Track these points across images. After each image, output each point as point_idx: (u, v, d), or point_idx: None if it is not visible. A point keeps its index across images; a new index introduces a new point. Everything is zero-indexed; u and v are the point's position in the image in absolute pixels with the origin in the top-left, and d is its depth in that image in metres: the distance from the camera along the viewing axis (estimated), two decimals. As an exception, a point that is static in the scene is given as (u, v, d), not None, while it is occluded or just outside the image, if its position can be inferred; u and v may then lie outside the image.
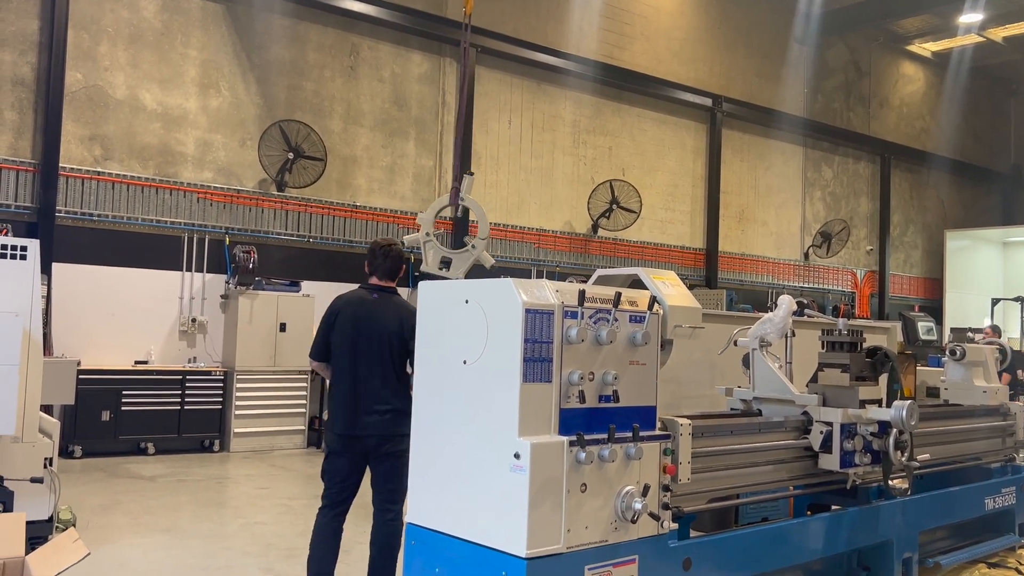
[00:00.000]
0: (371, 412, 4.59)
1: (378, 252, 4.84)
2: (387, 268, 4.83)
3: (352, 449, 4.64)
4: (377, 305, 4.75)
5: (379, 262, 4.82)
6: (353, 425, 4.60)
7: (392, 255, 4.84)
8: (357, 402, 4.60)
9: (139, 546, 6.08)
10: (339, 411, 4.67)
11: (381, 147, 12.50)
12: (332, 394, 4.83)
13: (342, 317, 4.73)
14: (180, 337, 10.83)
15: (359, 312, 4.71)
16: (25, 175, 9.83)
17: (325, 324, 4.79)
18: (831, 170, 18.52)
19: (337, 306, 4.80)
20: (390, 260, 4.83)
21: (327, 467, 4.74)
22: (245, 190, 11.30)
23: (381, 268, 4.83)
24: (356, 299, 4.81)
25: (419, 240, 9.76)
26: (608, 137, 14.93)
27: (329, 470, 4.73)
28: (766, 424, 4.20)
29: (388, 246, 4.88)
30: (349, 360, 4.65)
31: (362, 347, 4.64)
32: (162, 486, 8.31)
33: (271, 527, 6.78)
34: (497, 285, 3.08)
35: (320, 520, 4.70)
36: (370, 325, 4.66)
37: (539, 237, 14.01)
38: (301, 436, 11.05)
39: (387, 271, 4.84)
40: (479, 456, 3.08)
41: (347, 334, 4.67)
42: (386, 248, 4.86)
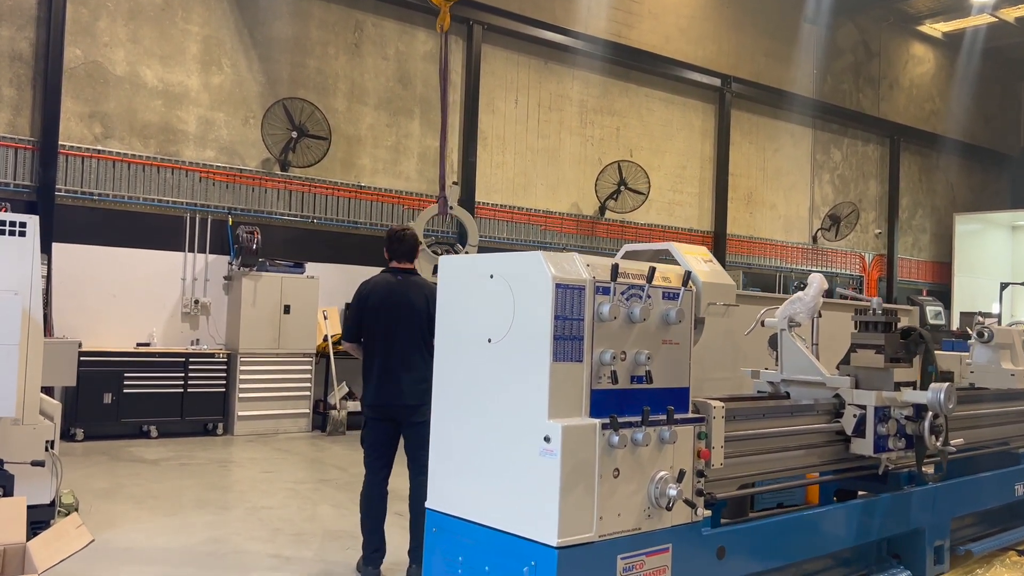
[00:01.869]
0: (404, 383, 5.05)
1: (394, 237, 5.36)
2: (404, 250, 5.32)
3: (387, 418, 5.13)
4: (402, 285, 5.22)
5: (396, 246, 5.32)
6: (388, 395, 5.08)
7: (407, 238, 5.34)
8: (391, 375, 5.07)
9: (143, 531, 5.93)
10: (375, 384, 5.14)
11: (386, 126, 12.29)
12: (367, 370, 5.21)
13: (372, 299, 5.19)
14: (183, 319, 10.66)
15: (387, 293, 5.17)
16: (24, 153, 9.62)
17: (356, 308, 5.26)
18: (840, 152, 18.29)
19: (365, 290, 5.26)
20: (406, 243, 5.33)
21: (366, 435, 5.26)
22: (248, 169, 11.10)
23: (399, 251, 5.31)
24: (382, 282, 5.25)
25: None
26: (616, 117, 14.69)
27: (368, 438, 5.25)
28: (797, 407, 4.03)
29: (403, 231, 5.39)
30: (382, 337, 5.12)
31: (392, 325, 5.11)
32: (165, 470, 8.16)
33: (278, 512, 6.63)
34: (525, 259, 2.90)
35: (366, 484, 5.23)
36: (398, 304, 5.14)
37: (546, 219, 13.81)
38: (306, 419, 10.90)
39: (405, 253, 5.32)
40: (505, 439, 2.91)
41: (378, 314, 5.14)
42: (401, 233, 5.37)
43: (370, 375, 5.18)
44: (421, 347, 5.10)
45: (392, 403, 5.08)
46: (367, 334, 5.19)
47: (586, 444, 2.79)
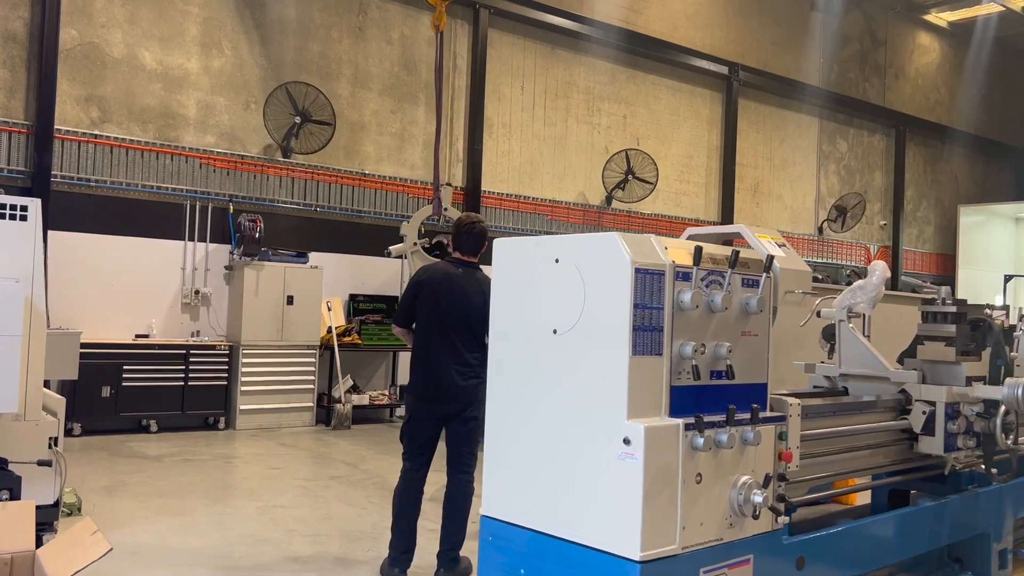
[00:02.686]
0: (456, 377, 4.80)
1: (463, 229, 5.00)
2: (471, 244, 4.98)
3: (434, 413, 4.85)
4: (462, 278, 4.91)
5: (464, 238, 4.98)
6: (438, 388, 4.81)
7: (476, 232, 4.99)
8: (442, 367, 4.80)
9: (151, 532, 5.63)
10: (425, 376, 4.87)
11: (390, 112, 11.96)
12: (417, 360, 4.96)
13: (428, 288, 4.90)
14: (182, 310, 10.33)
15: (445, 283, 4.88)
16: (18, 137, 9.27)
17: (411, 293, 4.98)
18: (846, 143, 18.06)
19: (423, 277, 4.99)
20: (474, 237, 4.98)
21: (408, 430, 4.95)
22: (249, 156, 10.76)
23: (466, 244, 4.98)
24: (442, 271, 4.97)
25: (405, 250, 9.69)
26: (623, 105, 14.40)
27: (410, 432, 4.94)
28: (863, 404, 3.77)
29: (473, 223, 5.02)
30: (436, 329, 4.85)
31: (448, 317, 4.83)
32: (168, 466, 7.86)
33: (290, 511, 6.34)
34: (599, 241, 2.62)
35: (404, 480, 4.94)
36: (456, 297, 4.85)
37: (552, 208, 13.52)
38: (309, 413, 10.61)
39: (471, 247, 4.99)
40: (575, 441, 2.63)
41: (434, 304, 4.86)
42: (470, 225, 5.00)
43: (419, 365, 4.95)
44: (474, 343, 4.88)
45: (442, 397, 4.84)
46: (420, 322, 4.94)
47: (669, 447, 2.52)
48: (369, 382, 11.65)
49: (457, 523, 4.85)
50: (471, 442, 4.87)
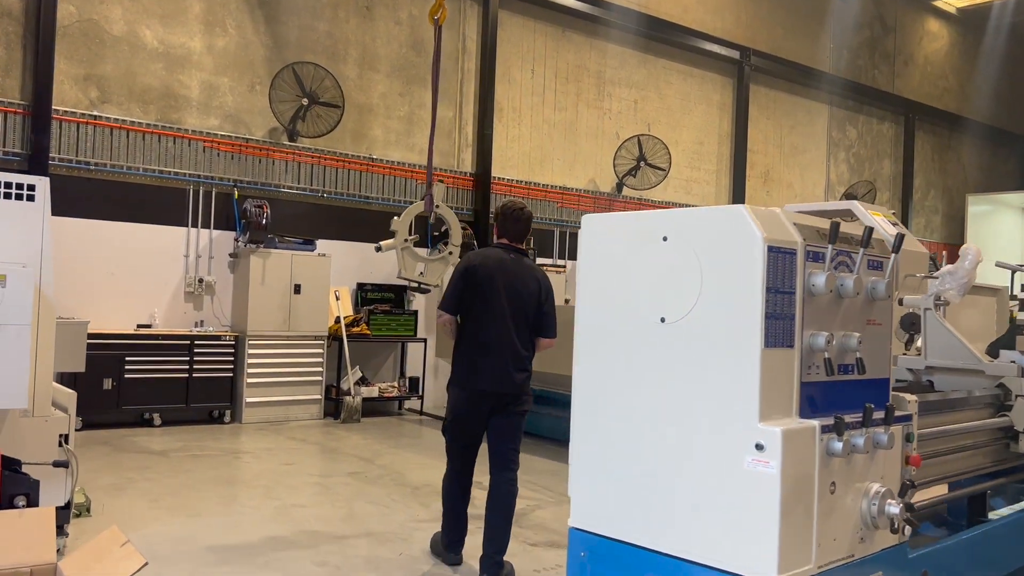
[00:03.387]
0: (507, 368, 4.64)
1: (509, 215, 4.86)
2: (518, 231, 4.87)
3: (483, 407, 4.67)
4: (515, 265, 4.79)
5: (510, 225, 4.86)
6: (488, 380, 4.63)
7: (523, 218, 4.87)
8: (493, 358, 4.64)
9: (166, 534, 5.28)
10: (477, 367, 4.67)
11: (398, 95, 11.58)
12: (466, 350, 4.75)
13: (480, 275, 4.72)
14: (186, 299, 9.94)
15: (499, 270, 4.73)
16: (14, 117, 8.84)
17: (461, 280, 4.77)
18: (856, 130, 17.77)
19: (473, 263, 4.79)
20: (521, 223, 4.87)
21: (455, 426, 4.76)
22: (254, 139, 10.36)
23: (512, 231, 4.86)
24: (495, 257, 4.81)
25: (395, 246, 9.34)
26: (634, 90, 14.06)
27: (457, 429, 4.76)
28: (961, 400, 3.46)
29: (519, 209, 4.88)
30: (486, 316, 4.68)
31: (502, 306, 4.68)
32: (176, 462, 7.50)
33: (311, 510, 6.00)
34: (722, 215, 2.29)
35: (454, 476, 4.78)
36: (510, 284, 4.71)
37: (562, 195, 13.18)
38: (317, 406, 10.25)
39: (518, 233, 4.88)
40: (690, 447, 2.31)
41: (486, 292, 4.69)
42: (517, 212, 4.86)
43: (467, 356, 4.74)
44: (527, 334, 4.75)
45: (491, 389, 4.65)
46: (468, 311, 4.74)
47: (806, 452, 2.20)
48: (377, 374, 11.30)
49: (503, 525, 4.67)
50: (517, 438, 4.76)
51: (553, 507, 6.40)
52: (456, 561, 4.87)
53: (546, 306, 4.76)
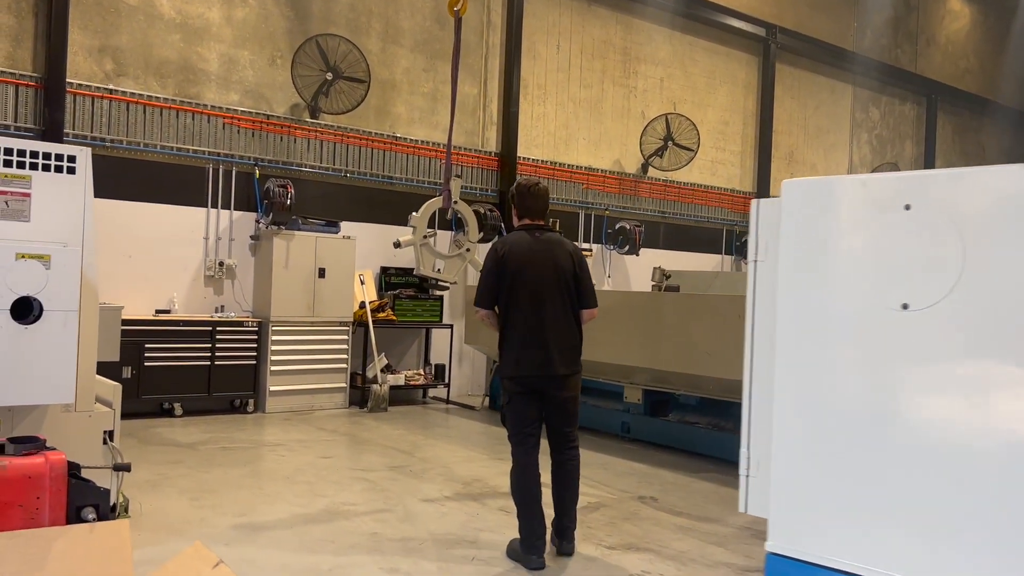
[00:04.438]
0: (554, 351, 4.64)
1: (525, 192, 4.83)
2: (538, 206, 4.85)
3: (534, 389, 4.66)
4: (544, 243, 4.75)
5: (528, 202, 4.84)
6: (537, 365, 4.62)
7: (540, 192, 4.85)
8: (540, 342, 4.63)
9: (217, 538, 4.87)
10: (521, 353, 4.64)
11: (422, 71, 11.10)
12: (508, 339, 4.72)
13: (512, 261, 4.68)
14: (206, 283, 9.49)
15: (529, 253, 4.70)
16: (26, 91, 8.34)
17: (494, 271, 4.73)
18: (878, 111, 17.38)
19: (503, 251, 4.73)
20: (539, 198, 4.85)
21: (513, 411, 4.70)
22: (276, 116, 9.88)
23: (533, 208, 4.84)
24: (521, 241, 4.76)
25: (415, 242, 8.89)
26: (659, 67, 13.61)
27: (515, 413, 4.70)
28: None
29: (534, 184, 4.86)
30: (527, 302, 4.65)
31: (540, 287, 4.66)
32: (207, 456, 7.07)
33: (364, 510, 5.59)
34: (991, 175, 1.87)
35: (522, 465, 4.67)
36: (544, 264, 4.68)
37: (587, 177, 12.75)
38: (342, 395, 9.84)
39: (538, 209, 4.85)
40: (953, 463, 1.90)
41: (523, 277, 4.66)
42: (532, 187, 4.84)
43: (513, 344, 4.70)
44: (570, 311, 4.74)
45: (541, 373, 4.64)
46: (507, 299, 4.71)
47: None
48: (401, 360, 10.89)
49: (574, 499, 4.80)
50: (576, 415, 4.80)
51: (616, 504, 6.02)
52: (540, 565, 4.55)
53: (582, 276, 4.76)
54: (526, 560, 4.56)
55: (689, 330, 7.52)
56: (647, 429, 8.49)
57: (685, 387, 8.05)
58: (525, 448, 4.67)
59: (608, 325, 8.26)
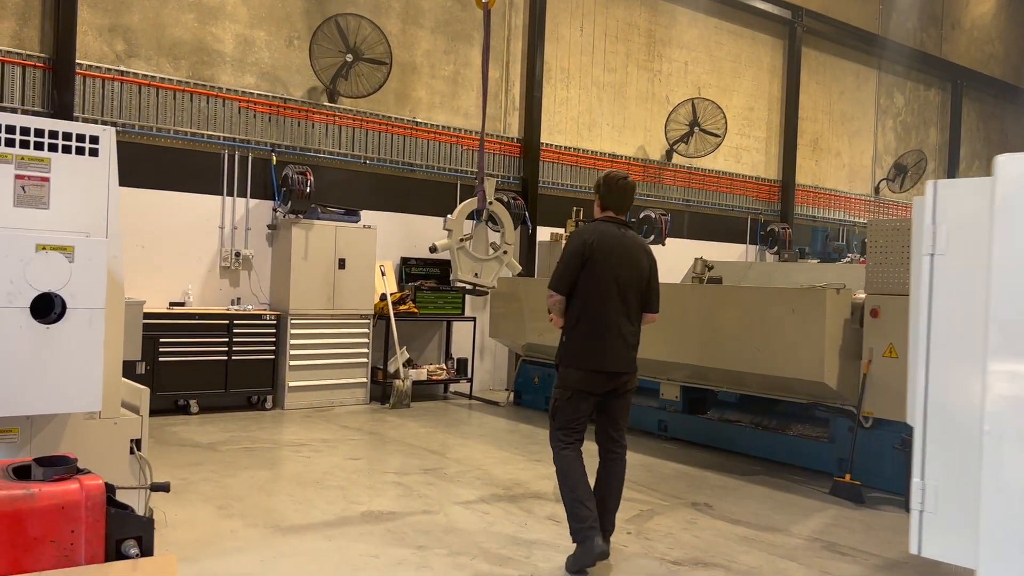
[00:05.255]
0: (626, 348, 4.60)
1: (613, 185, 4.73)
2: (623, 202, 4.76)
3: (601, 386, 4.56)
4: (629, 240, 4.68)
5: (615, 196, 4.73)
6: (611, 361, 4.53)
7: (628, 187, 4.76)
8: (614, 338, 4.55)
9: (250, 552, 4.49)
10: (595, 347, 4.53)
11: (443, 53, 10.67)
12: (581, 330, 4.57)
13: (598, 250, 4.56)
14: (221, 274, 9.09)
15: (615, 246, 4.60)
16: (33, 71, 7.93)
17: (577, 257, 4.58)
18: (903, 97, 16.94)
19: (589, 239, 4.60)
20: (627, 193, 4.75)
21: (568, 407, 4.59)
22: (293, 99, 9.46)
23: (619, 202, 4.74)
24: (609, 232, 4.65)
25: (451, 246, 8.38)
26: (684, 51, 13.18)
27: (571, 410, 4.59)
28: None
29: (623, 179, 4.78)
30: (608, 296, 4.56)
31: (621, 284, 4.59)
32: (230, 457, 6.69)
33: (405, 519, 5.21)
34: None
35: (570, 461, 4.55)
36: (628, 261, 4.62)
37: (611, 164, 12.32)
38: (363, 390, 9.46)
39: (623, 204, 4.76)
40: None
41: (606, 269, 4.56)
42: (621, 181, 4.75)
43: (583, 336, 4.56)
44: (637, 310, 4.68)
45: (611, 368, 4.54)
46: (585, 288, 4.56)
47: None
48: (421, 354, 10.50)
49: (619, 498, 4.72)
50: (628, 415, 4.76)
51: (670, 512, 5.65)
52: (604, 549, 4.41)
53: (653, 281, 4.73)
54: (584, 550, 4.34)
55: (735, 325, 7.13)
56: (685, 427, 8.11)
57: (726, 384, 7.67)
58: (574, 446, 4.56)
59: (645, 318, 7.88)
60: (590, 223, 4.87)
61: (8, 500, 2.28)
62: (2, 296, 3.28)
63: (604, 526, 4.59)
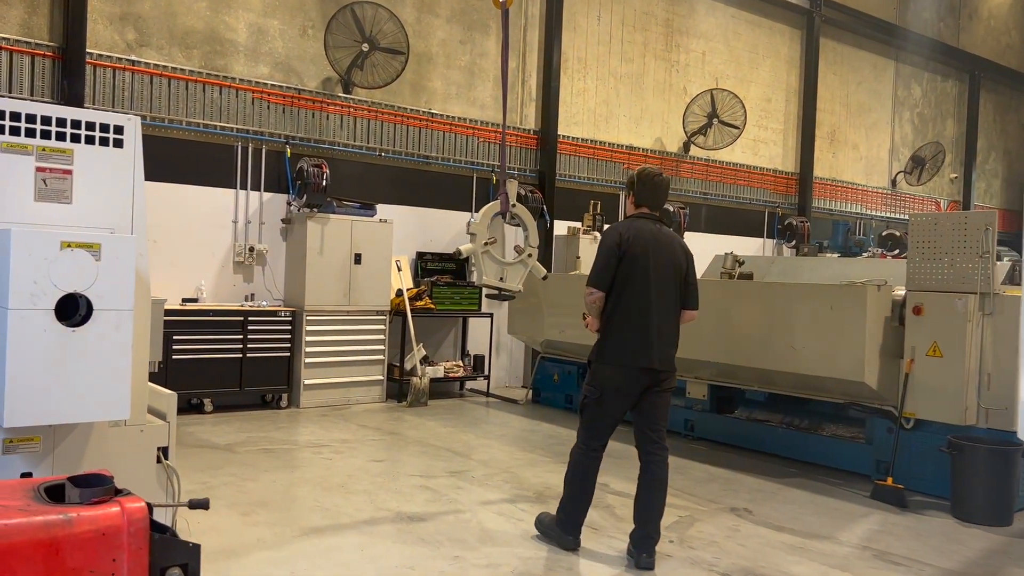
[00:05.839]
0: (666, 346, 4.54)
1: (647, 181, 4.70)
2: (658, 198, 4.74)
3: (638, 383, 4.48)
4: (665, 236, 4.64)
5: (649, 192, 4.70)
6: (650, 358, 4.45)
7: (662, 184, 4.73)
8: (654, 335, 4.48)
9: (280, 563, 4.27)
10: (634, 344, 4.46)
11: (459, 43, 10.42)
12: (620, 327, 4.50)
13: (636, 246, 4.51)
14: (235, 270, 8.87)
15: (653, 242, 4.55)
16: (43, 61, 7.69)
17: (614, 253, 4.53)
18: (920, 88, 16.68)
19: (626, 235, 4.54)
20: (661, 189, 4.74)
21: (602, 405, 4.53)
22: (307, 90, 9.22)
23: (653, 198, 4.71)
24: (646, 229, 4.60)
25: (475, 251, 8.12)
26: (702, 40, 12.93)
27: (605, 408, 4.53)
28: None
29: (657, 175, 4.73)
30: (647, 293, 4.50)
31: (659, 280, 4.53)
32: (249, 459, 6.48)
33: (435, 526, 5.00)
34: None
35: (588, 458, 4.58)
36: (660, 257, 4.55)
37: (628, 156, 12.09)
38: (379, 388, 9.25)
39: (657, 201, 4.74)
40: None
41: (644, 265, 4.50)
42: (656, 177, 4.71)
43: (622, 333, 4.49)
44: (676, 308, 4.63)
45: (651, 366, 4.46)
46: (625, 286, 4.50)
47: None
48: (437, 351, 10.29)
49: (662, 503, 4.53)
50: (667, 414, 4.66)
51: (710, 518, 5.43)
52: (577, 545, 4.61)
53: (690, 277, 4.67)
54: (563, 540, 4.57)
55: (767, 322, 6.91)
56: (713, 427, 7.89)
57: (755, 382, 7.45)
58: (603, 438, 4.58)
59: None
60: (624, 219, 4.80)
61: (44, 527, 2.06)
62: (25, 297, 3.06)
63: (650, 534, 4.46)
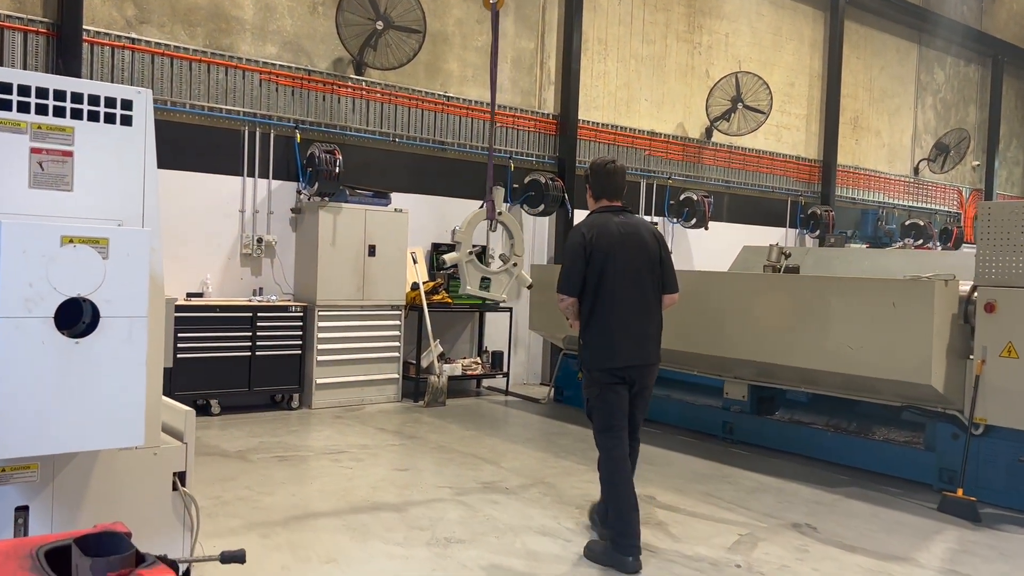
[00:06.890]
0: (648, 339, 4.48)
1: (600, 172, 4.59)
2: (615, 186, 4.61)
3: (629, 378, 4.41)
4: (630, 226, 4.51)
5: (605, 182, 4.60)
6: (633, 355, 4.41)
7: (617, 170, 4.60)
8: (635, 330, 4.42)
9: (309, 599, 3.79)
10: (617, 343, 4.38)
11: (476, 22, 9.89)
12: (602, 327, 4.41)
13: (601, 243, 4.40)
14: (242, 262, 8.36)
15: (618, 235, 4.44)
16: (36, 38, 7.14)
17: (581, 256, 4.42)
18: (943, 73, 16.17)
19: (590, 233, 4.45)
20: (617, 176, 4.60)
21: (605, 404, 4.42)
22: (317, 71, 8.69)
23: (610, 187, 4.60)
24: (608, 223, 4.48)
25: (460, 260, 7.75)
26: (725, 22, 12.40)
27: (608, 406, 4.42)
28: None
29: (610, 162, 4.61)
30: (623, 289, 4.40)
31: (633, 273, 4.43)
32: (263, 468, 5.99)
33: (474, 548, 4.51)
34: None
35: (616, 460, 4.41)
36: (634, 248, 4.45)
37: (650, 142, 11.58)
38: (394, 387, 8.77)
39: (616, 189, 4.61)
40: None
41: (611, 261, 4.40)
42: (608, 165, 4.59)
43: (606, 333, 4.40)
44: (655, 296, 4.51)
45: (640, 363, 4.42)
46: (595, 286, 4.41)
47: None
48: (453, 347, 9.80)
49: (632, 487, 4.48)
50: (648, 402, 4.62)
51: (773, 536, 4.95)
52: (637, 568, 4.18)
53: (665, 260, 4.55)
54: (621, 563, 4.21)
55: (817, 319, 6.42)
56: (753, 430, 7.42)
57: (798, 382, 6.97)
58: (617, 442, 4.41)
59: (705, 311, 7.18)
60: (587, 216, 4.61)
61: (45, 617, 1.57)
62: (19, 303, 2.55)
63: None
